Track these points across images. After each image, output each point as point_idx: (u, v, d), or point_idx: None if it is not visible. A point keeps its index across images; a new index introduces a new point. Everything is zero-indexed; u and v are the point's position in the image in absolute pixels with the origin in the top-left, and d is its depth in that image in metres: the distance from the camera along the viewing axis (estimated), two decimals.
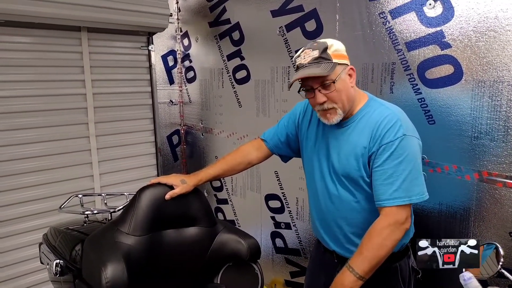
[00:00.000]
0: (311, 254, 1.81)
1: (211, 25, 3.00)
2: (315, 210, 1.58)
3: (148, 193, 1.62)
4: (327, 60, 1.35)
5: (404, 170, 1.30)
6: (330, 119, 1.40)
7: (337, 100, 1.37)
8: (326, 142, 1.50)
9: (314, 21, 2.21)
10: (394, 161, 1.31)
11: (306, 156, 1.60)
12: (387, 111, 1.40)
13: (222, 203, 3.18)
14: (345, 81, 1.39)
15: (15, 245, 2.62)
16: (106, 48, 2.94)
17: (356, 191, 1.43)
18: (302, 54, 1.40)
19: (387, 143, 1.32)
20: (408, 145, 1.32)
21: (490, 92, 1.56)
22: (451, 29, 1.65)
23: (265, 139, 1.74)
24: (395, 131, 1.33)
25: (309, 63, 1.36)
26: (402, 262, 1.49)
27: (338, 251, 1.52)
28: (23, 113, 2.59)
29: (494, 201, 1.59)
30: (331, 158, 1.47)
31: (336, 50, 1.38)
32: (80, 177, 2.87)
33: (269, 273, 2.74)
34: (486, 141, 1.59)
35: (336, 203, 1.47)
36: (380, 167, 1.33)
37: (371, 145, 1.36)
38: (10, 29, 2.49)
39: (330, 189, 1.48)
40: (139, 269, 1.54)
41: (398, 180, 1.30)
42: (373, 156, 1.35)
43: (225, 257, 1.73)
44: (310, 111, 1.59)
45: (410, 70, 1.80)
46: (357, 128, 1.42)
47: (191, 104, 3.40)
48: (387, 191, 1.31)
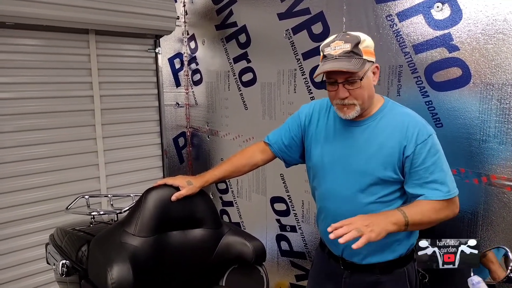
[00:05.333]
0: (313, 261, 1.77)
1: (217, 28, 3.01)
2: (326, 212, 1.54)
3: (154, 195, 1.63)
4: (358, 56, 1.31)
5: (443, 165, 1.35)
6: (346, 113, 1.38)
7: (359, 97, 1.35)
8: (342, 142, 1.46)
9: (321, 23, 2.21)
10: (432, 157, 1.33)
11: (316, 157, 1.54)
12: (408, 111, 1.43)
13: (228, 205, 3.18)
14: (370, 79, 1.37)
15: (21, 246, 2.63)
16: (114, 50, 2.96)
17: (373, 193, 1.40)
18: (333, 45, 1.34)
19: (422, 142, 1.34)
20: (437, 142, 1.37)
21: (499, 95, 1.54)
22: (459, 31, 1.64)
23: (269, 142, 1.71)
24: (425, 130, 1.35)
25: (339, 55, 1.31)
26: (409, 266, 1.47)
27: (345, 255, 1.49)
28: (30, 115, 2.61)
29: (502, 205, 1.57)
30: (349, 157, 1.43)
31: (367, 46, 1.35)
32: (86, 179, 2.89)
33: (274, 276, 2.72)
34: (494, 145, 1.57)
35: (349, 204, 1.43)
36: (421, 165, 1.33)
37: (404, 146, 1.35)
38: (18, 32, 2.51)
39: (344, 190, 1.44)
40: (144, 270, 1.54)
41: (443, 174, 1.33)
42: (410, 156, 1.35)
43: (230, 259, 1.72)
44: (317, 111, 1.58)
45: (417, 73, 1.79)
46: (378, 128, 1.41)
47: (197, 106, 3.41)
48: (436, 186, 1.32)
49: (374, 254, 1.44)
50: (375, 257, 1.44)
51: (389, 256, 1.44)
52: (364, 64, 1.32)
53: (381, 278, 1.45)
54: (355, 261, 1.47)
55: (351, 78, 1.32)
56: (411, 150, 1.34)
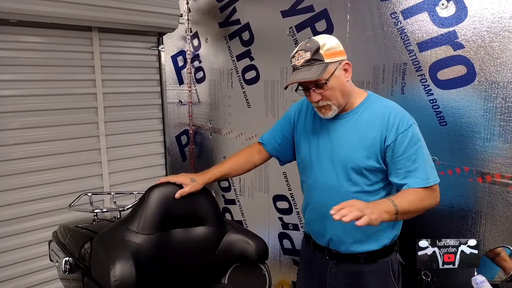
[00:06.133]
0: (300, 255, 1.80)
1: (221, 26, 3.01)
2: (313, 203, 1.59)
3: (157, 192, 1.63)
4: (318, 62, 1.39)
5: (424, 154, 1.40)
6: (325, 114, 1.47)
7: (331, 98, 1.43)
8: (327, 135, 1.53)
9: (325, 21, 2.20)
10: (413, 147, 1.39)
11: (304, 150, 1.61)
12: (390, 103, 1.50)
13: (230, 203, 3.18)
14: (339, 77, 1.43)
15: (25, 243, 2.64)
16: (117, 48, 2.96)
17: (357, 183, 1.46)
18: (296, 55, 1.44)
19: (402, 132, 1.40)
20: (418, 131, 1.43)
21: (504, 93, 1.53)
22: (464, 29, 1.63)
23: (263, 142, 1.78)
24: (406, 120, 1.42)
25: (301, 65, 1.41)
26: (392, 256, 1.53)
27: (331, 245, 1.54)
28: (34, 112, 2.62)
29: (506, 204, 1.56)
30: (333, 150, 1.50)
31: (328, 49, 1.41)
32: (89, 176, 2.90)
33: (276, 274, 2.72)
34: (499, 143, 1.56)
35: (335, 195, 1.48)
36: (403, 154, 1.39)
37: (385, 136, 1.42)
38: (22, 29, 2.52)
39: (330, 180, 1.50)
40: (147, 267, 1.54)
41: (424, 163, 1.39)
42: (391, 146, 1.41)
43: (233, 257, 1.72)
44: (305, 107, 1.65)
45: (421, 71, 1.78)
46: (361, 120, 1.48)
47: (200, 104, 3.41)
48: (419, 174, 1.37)
49: (359, 244, 1.49)
50: (360, 247, 1.49)
51: (373, 246, 1.49)
52: (327, 67, 1.39)
53: (365, 267, 1.50)
54: (341, 250, 1.51)
55: (319, 82, 1.41)
56: (392, 139, 1.41)
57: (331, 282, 1.56)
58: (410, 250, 1.46)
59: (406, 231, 1.57)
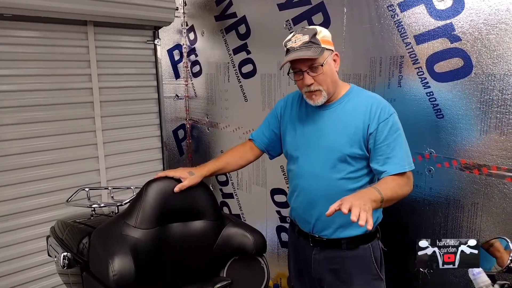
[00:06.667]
0: (288, 242, 1.87)
1: (217, 19, 2.99)
2: (298, 190, 1.63)
3: (155, 187, 1.63)
4: (316, 45, 1.46)
5: (402, 142, 1.49)
6: (315, 100, 1.53)
7: (323, 83, 1.49)
8: (313, 124, 1.59)
9: (322, 14, 2.19)
10: (393, 134, 1.47)
11: (290, 139, 1.67)
12: (372, 94, 1.58)
13: (228, 197, 3.18)
14: (331, 65, 1.51)
15: (23, 238, 2.64)
16: (112, 42, 2.94)
17: (341, 169, 1.52)
18: (293, 38, 1.49)
19: (384, 121, 1.48)
20: (398, 121, 1.51)
21: (501, 85, 1.53)
22: (461, 21, 1.62)
23: (254, 138, 1.84)
24: (387, 110, 1.50)
25: (299, 46, 1.46)
26: (373, 242, 1.59)
27: (315, 231, 1.60)
28: (29, 107, 2.60)
29: (503, 196, 1.57)
30: (319, 138, 1.56)
31: (324, 36, 1.50)
32: (86, 171, 2.89)
33: (274, 267, 2.74)
34: (495, 136, 1.57)
35: (320, 181, 1.55)
36: (384, 142, 1.47)
37: (368, 124, 1.49)
38: (16, 23, 2.49)
39: (315, 168, 1.56)
40: (146, 262, 1.55)
41: (402, 150, 1.47)
42: (374, 133, 1.48)
43: (231, 250, 1.73)
44: (291, 101, 1.72)
45: (418, 64, 1.78)
46: (345, 109, 1.55)
47: (197, 98, 3.40)
48: (397, 160, 1.46)
49: (342, 229, 1.55)
50: (343, 232, 1.55)
51: (355, 231, 1.54)
52: (323, 52, 1.46)
53: (348, 253, 1.56)
54: (325, 234, 1.57)
55: (314, 65, 1.47)
56: (374, 127, 1.48)
57: (315, 268, 1.63)
58: (393, 239, 1.51)
59: (398, 222, 1.58)
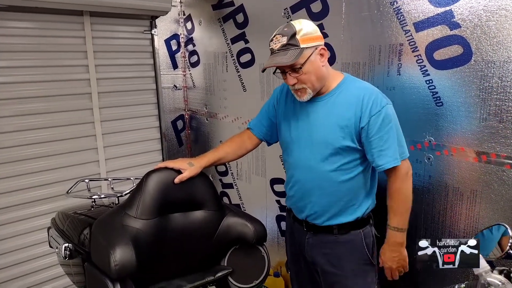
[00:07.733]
0: (285, 226, 1.90)
1: (214, 8, 2.96)
2: (293, 180, 1.66)
3: (155, 177, 1.63)
4: (294, 47, 1.44)
5: (395, 134, 1.49)
6: (301, 97, 1.54)
7: (306, 81, 1.49)
8: (306, 117, 1.60)
9: (320, 2, 2.17)
10: (386, 127, 1.47)
11: (285, 132, 1.68)
12: (364, 85, 1.56)
13: (228, 187, 3.19)
14: (315, 62, 1.49)
15: (24, 230, 2.65)
16: (109, 32, 2.91)
17: (334, 161, 1.54)
18: (274, 39, 1.49)
19: (376, 113, 1.47)
20: (391, 112, 1.50)
21: (500, 72, 1.53)
22: (460, 8, 1.61)
23: (251, 127, 1.84)
24: (379, 101, 1.48)
25: (278, 49, 1.46)
26: (365, 229, 1.62)
27: (309, 219, 1.64)
28: (26, 99, 2.58)
29: (501, 183, 1.58)
30: (312, 130, 1.57)
31: (305, 34, 1.46)
32: (86, 163, 2.89)
33: (275, 256, 2.76)
34: (494, 123, 1.57)
35: (313, 173, 1.57)
36: (376, 135, 1.48)
37: (359, 116, 1.49)
38: (12, 14, 2.46)
39: (308, 160, 1.58)
40: (147, 252, 1.56)
41: (395, 142, 1.49)
42: (365, 128, 1.48)
43: (231, 240, 1.74)
44: (286, 91, 1.71)
45: (418, 51, 1.77)
46: (337, 101, 1.55)
47: (195, 88, 3.39)
48: (391, 153, 1.48)
49: (334, 218, 1.60)
50: (335, 220, 1.60)
51: (347, 218, 1.59)
52: (302, 52, 1.44)
53: (340, 238, 1.61)
54: (317, 223, 1.62)
55: (294, 67, 1.47)
56: (366, 121, 1.48)
57: (309, 252, 1.68)
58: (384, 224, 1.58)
59: None
